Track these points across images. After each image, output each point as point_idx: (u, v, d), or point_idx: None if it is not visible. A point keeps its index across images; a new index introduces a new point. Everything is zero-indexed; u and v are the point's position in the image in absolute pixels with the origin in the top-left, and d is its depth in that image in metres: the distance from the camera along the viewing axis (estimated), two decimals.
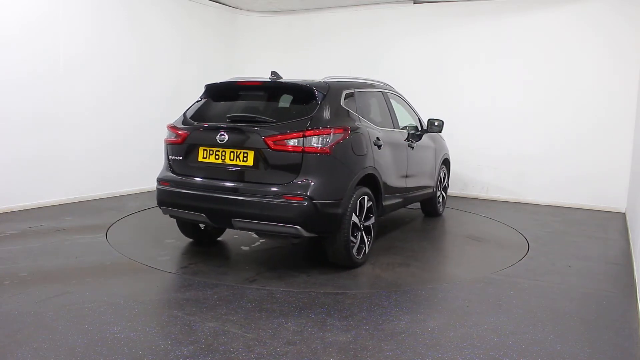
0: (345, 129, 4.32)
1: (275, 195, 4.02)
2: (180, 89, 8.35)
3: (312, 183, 4.02)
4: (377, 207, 4.81)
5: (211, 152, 4.33)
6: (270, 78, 4.61)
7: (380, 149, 4.79)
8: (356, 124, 4.56)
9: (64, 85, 6.75)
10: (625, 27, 7.31)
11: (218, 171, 4.30)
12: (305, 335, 3.13)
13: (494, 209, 7.53)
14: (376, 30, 9.01)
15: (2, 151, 6.15)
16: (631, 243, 5.54)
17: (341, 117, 4.45)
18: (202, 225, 5.08)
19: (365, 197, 4.50)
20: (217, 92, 4.82)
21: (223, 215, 4.23)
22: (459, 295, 3.97)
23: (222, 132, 4.25)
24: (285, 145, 4.04)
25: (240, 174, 4.21)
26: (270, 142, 4.06)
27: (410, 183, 5.65)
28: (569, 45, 7.68)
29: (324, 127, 4.16)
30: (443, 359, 2.90)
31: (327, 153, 4.11)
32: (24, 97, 6.31)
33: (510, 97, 8.11)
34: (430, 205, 6.71)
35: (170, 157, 4.62)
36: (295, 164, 4.05)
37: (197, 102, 4.86)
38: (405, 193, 5.52)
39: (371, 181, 4.66)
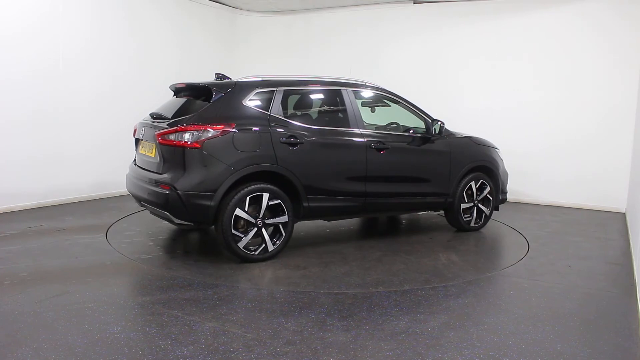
0: (225, 126, 4.46)
1: (156, 183, 4.53)
2: None
3: (179, 175, 4.39)
4: (300, 208, 4.80)
5: (143, 146, 4.98)
6: (215, 80, 4.90)
7: (295, 147, 4.71)
8: (256, 121, 4.64)
9: (63, 85, 6.75)
10: (625, 27, 7.30)
11: (143, 161, 4.98)
12: (305, 335, 3.13)
13: None
14: (376, 30, 9.00)
15: (2, 151, 6.15)
16: (631, 243, 5.53)
17: (236, 114, 4.60)
18: None
19: (266, 195, 4.53)
20: (173, 93, 5.41)
21: (139, 199, 4.88)
22: (459, 295, 3.97)
23: (142, 128, 4.95)
24: (165, 139, 4.48)
25: (149, 164, 4.81)
26: (158, 137, 4.53)
27: (380, 188, 5.29)
28: (569, 45, 7.68)
29: (199, 124, 4.42)
30: (443, 359, 2.90)
31: (197, 148, 4.36)
32: (24, 96, 6.31)
33: (510, 97, 8.10)
34: (451, 216, 5.99)
35: (135, 149, 5.33)
36: (173, 157, 4.47)
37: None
38: (364, 198, 5.17)
39: (282, 180, 4.68)
